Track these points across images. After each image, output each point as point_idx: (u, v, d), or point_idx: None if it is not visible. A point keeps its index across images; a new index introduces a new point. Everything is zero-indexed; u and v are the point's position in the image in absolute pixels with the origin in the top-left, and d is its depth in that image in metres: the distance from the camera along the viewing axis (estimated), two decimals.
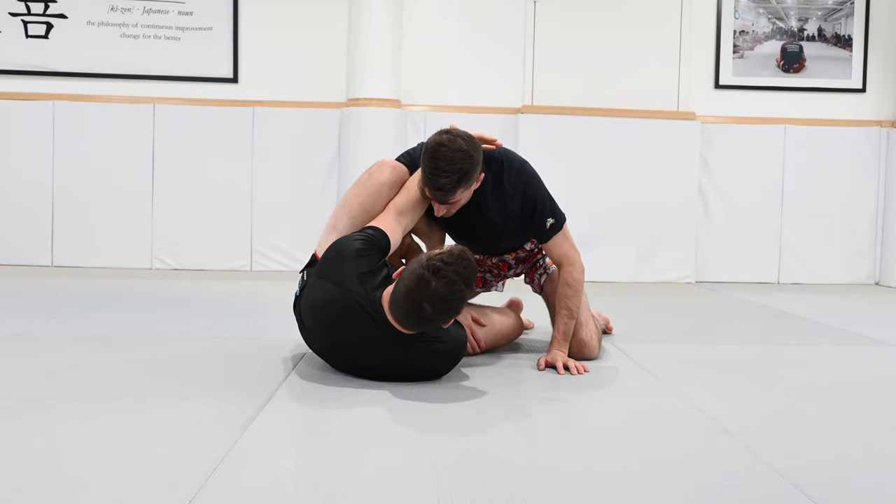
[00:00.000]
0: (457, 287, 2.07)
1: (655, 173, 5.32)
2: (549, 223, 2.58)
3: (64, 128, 5.21)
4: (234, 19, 5.32)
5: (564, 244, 2.61)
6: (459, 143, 2.36)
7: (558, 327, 2.59)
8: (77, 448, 1.71)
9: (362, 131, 5.08)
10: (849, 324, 3.73)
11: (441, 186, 2.37)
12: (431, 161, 2.35)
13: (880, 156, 5.56)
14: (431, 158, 2.35)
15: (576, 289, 2.57)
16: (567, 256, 2.59)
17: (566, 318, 2.58)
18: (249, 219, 5.32)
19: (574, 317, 2.58)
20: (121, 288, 4.31)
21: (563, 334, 2.58)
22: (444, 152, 2.34)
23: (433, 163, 2.35)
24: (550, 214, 2.58)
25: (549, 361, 2.54)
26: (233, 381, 2.34)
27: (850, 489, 1.59)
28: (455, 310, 2.13)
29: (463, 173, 2.36)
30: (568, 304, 2.57)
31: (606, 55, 5.42)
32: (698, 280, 5.44)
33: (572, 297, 2.57)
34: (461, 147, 2.35)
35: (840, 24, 5.60)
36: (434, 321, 2.13)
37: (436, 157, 2.35)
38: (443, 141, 2.36)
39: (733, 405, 2.19)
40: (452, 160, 2.34)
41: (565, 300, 2.57)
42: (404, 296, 2.09)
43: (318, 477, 1.57)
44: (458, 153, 2.35)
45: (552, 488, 1.53)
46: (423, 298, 2.06)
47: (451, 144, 2.35)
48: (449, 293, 2.07)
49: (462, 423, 1.97)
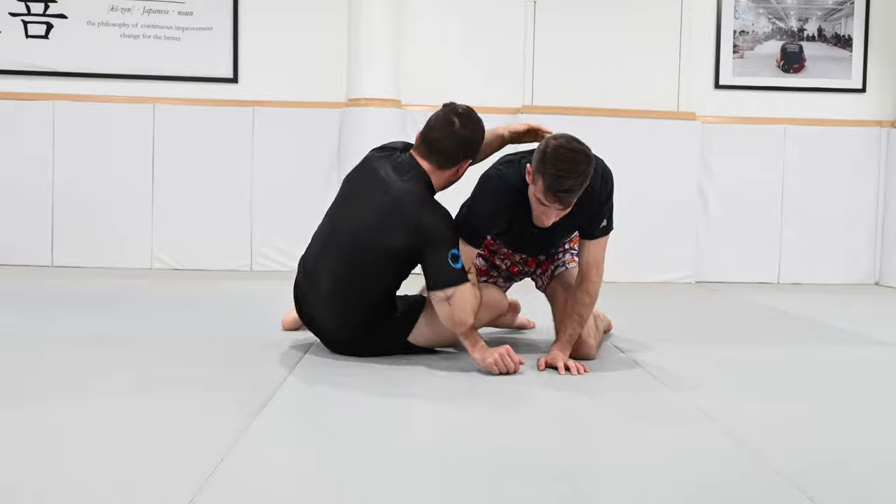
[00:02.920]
0: (479, 124, 2.55)
1: (655, 173, 5.32)
2: (603, 224, 2.57)
3: (64, 128, 5.21)
4: (234, 19, 5.32)
5: (600, 254, 2.59)
6: (575, 144, 2.32)
7: (564, 330, 2.59)
8: (77, 447, 1.71)
9: (362, 131, 5.08)
10: (849, 324, 3.72)
11: (569, 188, 2.30)
12: (555, 164, 2.28)
13: (880, 156, 5.55)
14: (555, 161, 2.28)
15: (592, 298, 2.59)
16: (597, 265, 2.58)
17: (575, 324, 2.58)
18: (249, 219, 5.32)
19: (583, 325, 2.58)
20: (121, 288, 4.30)
21: (568, 337, 2.58)
22: (564, 154, 2.29)
23: (558, 165, 2.28)
24: (608, 216, 2.59)
25: (550, 362, 2.54)
26: (233, 381, 2.34)
27: (850, 488, 1.59)
28: (476, 133, 2.54)
29: (586, 175, 2.32)
30: (581, 311, 2.57)
31: (606, 55, 5.41)
32: (698, 280, 5.44)
33: (588, 305, 2.58)
34: (580, 148, 2.32)
35: (840, 24, 5.60)
36: (458, 139, 2.50)
37: (559, 159, 2.28)
38: (561, 143, 2.31)
39: (733, 405, 2.19)
40: (577, 161, 2.29)
41: (579, 307, 2.57)
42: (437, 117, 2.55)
43: (318, 477, 1.57)
44: (579, 154, 2.30)
45: (552, 488, 1.53)
46: (453, 113, 2.52)
47: (569, 145, 2.31)
48: (472, 120, 2.54)
49: (462, 423, 1.97)
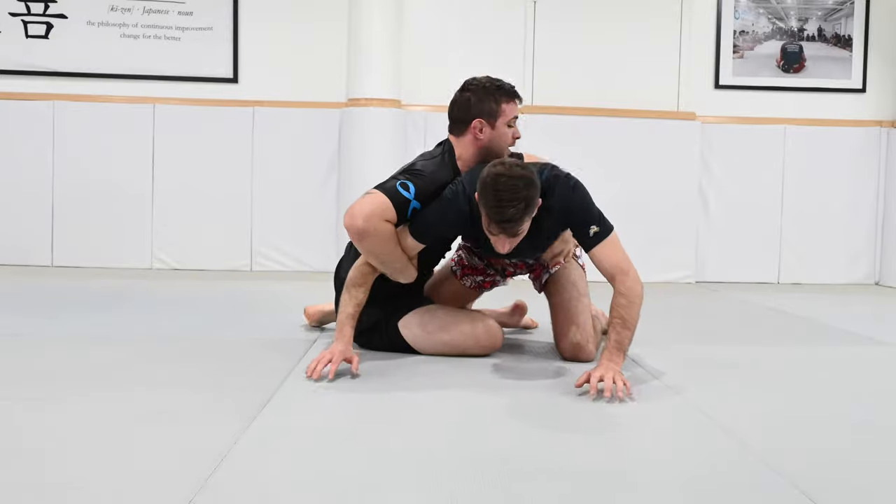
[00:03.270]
0: (479, 87, 2.63)
1: (655, 173, 5.32)
2: (592, 231, 2.47)
3: (64, 128, 5.21)
4: (234, 19, 5.32)
5: (615, 255, 2.47)
6: (517, 170, 2.28)
7: (610, 337, 2.41)
8: (77, 448, 1.71)
9: (362, 131, 5.08)
10: (849, 324, 3.72)
11: (510, 218, 2.28)
12: (494, 193, 2.26)
13: (880, 156, 5.56)
14: (493, 191, 2.26)
15: (630, 298, 2.41)
16: (618, 267, 2.45)
17: (619, 328, 2.39)
18: (249, 219, 5.32)
19: (629, 327, 2.40)
20: (121, 288, 4.30)
21: (615, 344, 2.38)
22: (504, 182, 2.26)
23: (496, 195, 2.25)
24: (595, 222, 2.48)
25: (600, 376, 2.25)
26: (233, 381, 2.34)
27: (850, 488, 1.59)
28: (477, 94, 2.62)
29: (529, 200, 2.28)
30: (621, 314, 2.40)
31: (606, 55, 5.42)
32: (698, 280, 5.44)
33: (626, 306, 2.40)
34: (520, 173, 2.28)
35: (840, 24, 5.60)
36: (459, 103, 2.64)
37: (497, 188, 2.25)
38: (500, 171, 2.28)
39: (733, 405, 2.19)
40: (515, 188, 2.26)
41: (619, 309, 2.40)
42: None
43: (318, 477, 1.57)
44: (519, 180, 2.27)
45: (552, 488, 1.53)
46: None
47: (510, 172, 2.28)
48: (471, 84, 2.65)
49: (462, 423, 1.97)
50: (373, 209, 2.43)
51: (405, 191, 2.47)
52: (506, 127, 2.63)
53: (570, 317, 2.73)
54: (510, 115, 2.64)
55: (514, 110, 2.66)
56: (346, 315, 2.49)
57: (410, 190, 2.47)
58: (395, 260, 2.53)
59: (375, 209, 2.44)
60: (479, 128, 2.60)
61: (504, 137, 2.64)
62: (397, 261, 2.54)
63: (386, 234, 2.46)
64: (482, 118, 2.60)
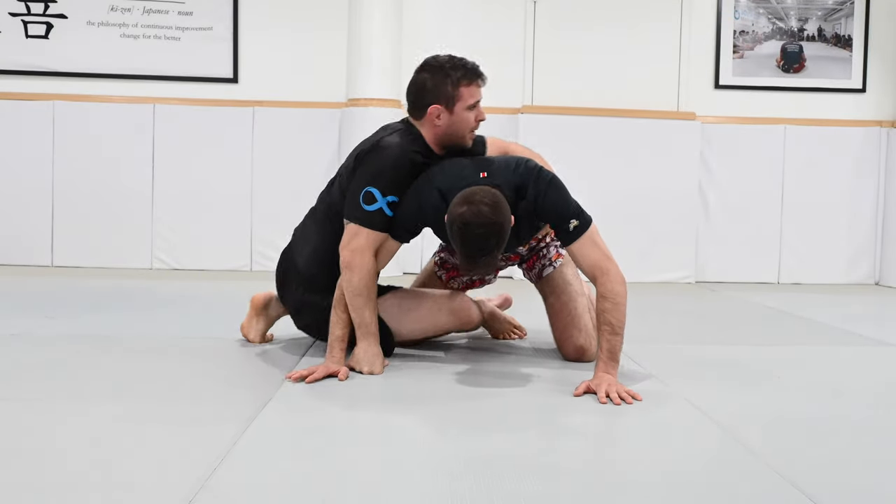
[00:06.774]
0: (434, 68, 2.51)
1: (655, 173, 5.32)
2: (572, 225, 2.38)
3: (64, 128, 5.21)
4: (234, 19, 5.32)
5: (594, 253, 2.37)
6: (484, 216, 2.17)
7: (602, 346, 2.33)
8: (77, 448, 1.71)
9: (362, 131, 5.02)
10: (849, 324, 3.72)
11: (484, 263, 2.24)
12: (462, 243, 2.20)
13: (880, 156, 5.56)
14: (461, 241, 2.20)
15: (614, 301, 2.30)
16: (599, 267, 2.34)
17: (608, 335, 2.30)
18: (249, 219, 5.32)
19: (617, 332, 2.30)
20: (121, 288, 4.30)
21: (607, 353, 2.29)
22: (471, 231, 2.17)
23: (464, 246, 2.20)
24: (574, 215, 2.40)
25: (592, 388, 2.23)
26: (232, 381, 2.34)
27: (850, 488, 1.58)
28: (433, 75, 2.49)
29: (499, 242, 2.22)
30: (608, 319, 2.29)
31: (606, 55, 5.42)
32: (698, 280, 5.44)
33: (611, 310, 2.29)
34: (487, 218, 2.17)
35: (840, 24, 5.60)
36: (413, 86, 2.56)
37: (465, 239, 2.19)
38: (467, 220, 2.17)
39: (733, 405, 2.19)
40: (486, 237, 2.17)
41: (605, 315, 2.30)
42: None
43: (318, 477, 1.57)
44: (489, 227, 2.17)
45: (552, 488, 1.53)
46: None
47: (477, 220, 2.16)
48: (426, 64, 2.54)
49: (461, 423, 1.97)
50: (365, 243, 2.41)
51: (370, 204, 2.39)
52: (465, 111, 2.46)
53: (572, 320, 2.70)
54: (470, 99, 2.46)
55: (476, 93, 2.48)
56: (335, 338, 2.43)
57: (377, 198, 2.39)
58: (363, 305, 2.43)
59: (365, 243, 2.41)
60: (437, 114, 2.45)
61: (465, 122, 2.47)
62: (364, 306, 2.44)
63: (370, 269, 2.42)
64: (439, 104, 2.44)
